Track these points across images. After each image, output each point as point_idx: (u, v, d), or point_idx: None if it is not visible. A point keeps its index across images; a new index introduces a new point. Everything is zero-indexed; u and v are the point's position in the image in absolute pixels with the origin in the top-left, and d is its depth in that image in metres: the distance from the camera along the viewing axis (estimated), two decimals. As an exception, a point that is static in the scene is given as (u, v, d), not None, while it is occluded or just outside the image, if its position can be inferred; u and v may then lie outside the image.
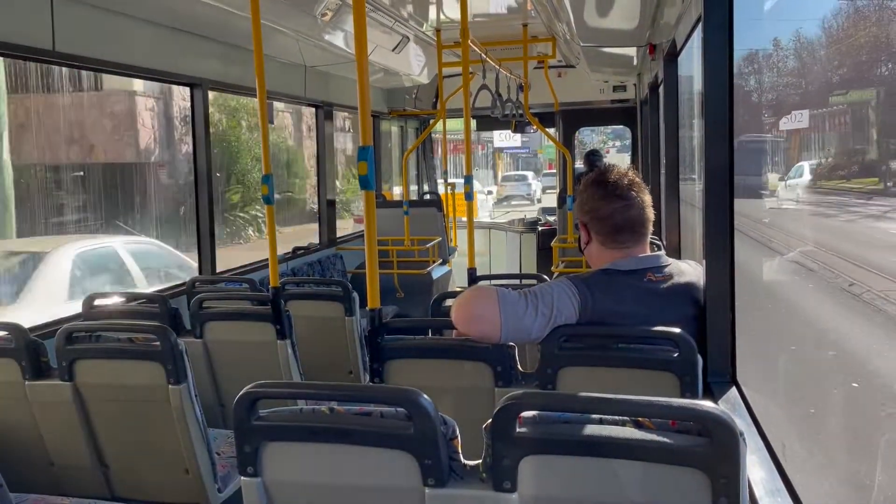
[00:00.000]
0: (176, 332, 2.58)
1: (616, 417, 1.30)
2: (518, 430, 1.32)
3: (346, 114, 8.02)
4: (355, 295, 3.75)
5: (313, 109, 6.61)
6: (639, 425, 1.29)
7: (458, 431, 1.41)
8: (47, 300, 3.83)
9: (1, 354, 2.61)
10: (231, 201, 14.48)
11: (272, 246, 3.41)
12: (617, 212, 2.17)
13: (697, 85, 2.83)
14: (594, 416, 1.31)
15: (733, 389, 1.95)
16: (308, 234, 7.05)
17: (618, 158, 26.75)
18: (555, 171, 11.26)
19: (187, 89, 4.69)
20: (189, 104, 4.73)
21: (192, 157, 4.73)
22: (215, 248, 4.77)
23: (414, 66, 6.95)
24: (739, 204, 1.96)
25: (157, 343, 2.50)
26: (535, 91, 7.35)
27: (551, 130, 8.26)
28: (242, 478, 1.50)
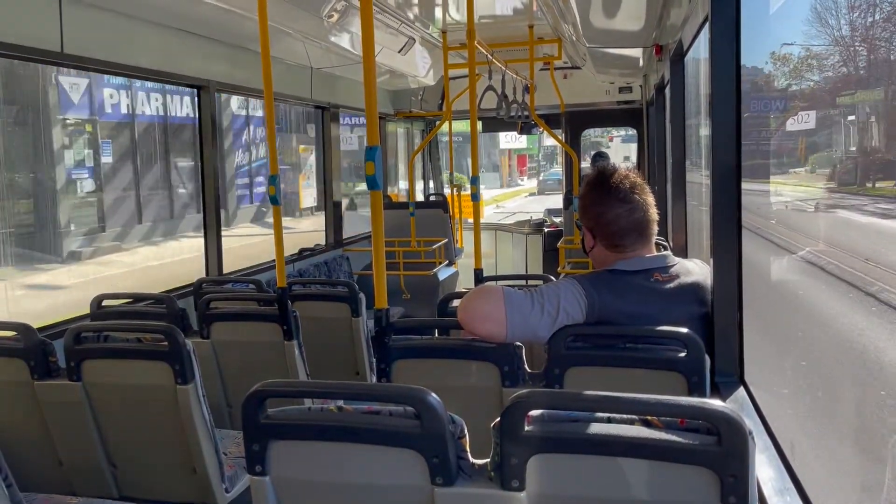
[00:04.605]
0: (183, 332, 2.59)
1: (624, 416, 1.30)
2: (526, 428, 1.32)
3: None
4: (362, 296, 3.75)
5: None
6: (647, 424, 1.28)
7: (465, 430, 1.41)
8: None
9: (10, 354, 2.62)
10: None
11: (279, 247, 3.41)
12: (621, 217, 2.16)
13: (704, 85, 2.83)
14: (602, 414, 1.31)
15: (741, 389, 1.95)
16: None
17: (622, 148, 26.79)
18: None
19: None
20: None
21: (199, 158, 4.74)
22: (222, 247, 4.77)
23: (420, 68, 6.96)
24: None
25: (165, 343, 2.51)
26: (540, 92, 7.35)
27: (557, 132, 8.26)
28: (251, 476, 1.50)
